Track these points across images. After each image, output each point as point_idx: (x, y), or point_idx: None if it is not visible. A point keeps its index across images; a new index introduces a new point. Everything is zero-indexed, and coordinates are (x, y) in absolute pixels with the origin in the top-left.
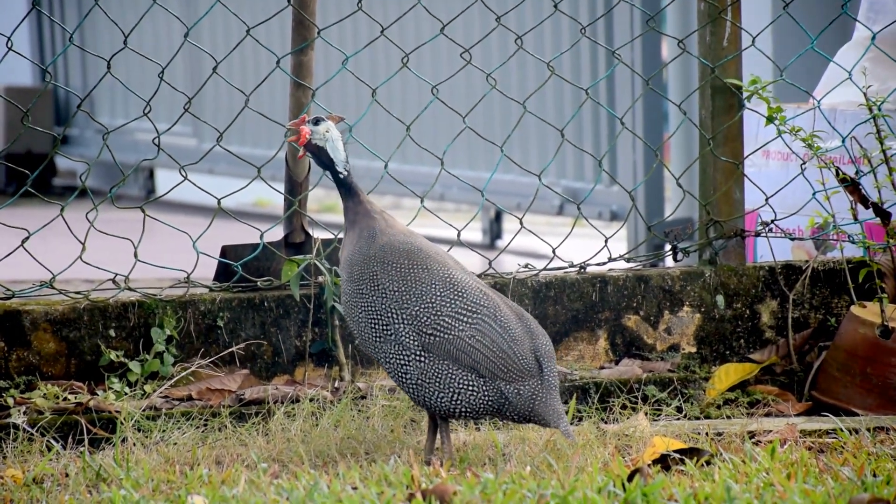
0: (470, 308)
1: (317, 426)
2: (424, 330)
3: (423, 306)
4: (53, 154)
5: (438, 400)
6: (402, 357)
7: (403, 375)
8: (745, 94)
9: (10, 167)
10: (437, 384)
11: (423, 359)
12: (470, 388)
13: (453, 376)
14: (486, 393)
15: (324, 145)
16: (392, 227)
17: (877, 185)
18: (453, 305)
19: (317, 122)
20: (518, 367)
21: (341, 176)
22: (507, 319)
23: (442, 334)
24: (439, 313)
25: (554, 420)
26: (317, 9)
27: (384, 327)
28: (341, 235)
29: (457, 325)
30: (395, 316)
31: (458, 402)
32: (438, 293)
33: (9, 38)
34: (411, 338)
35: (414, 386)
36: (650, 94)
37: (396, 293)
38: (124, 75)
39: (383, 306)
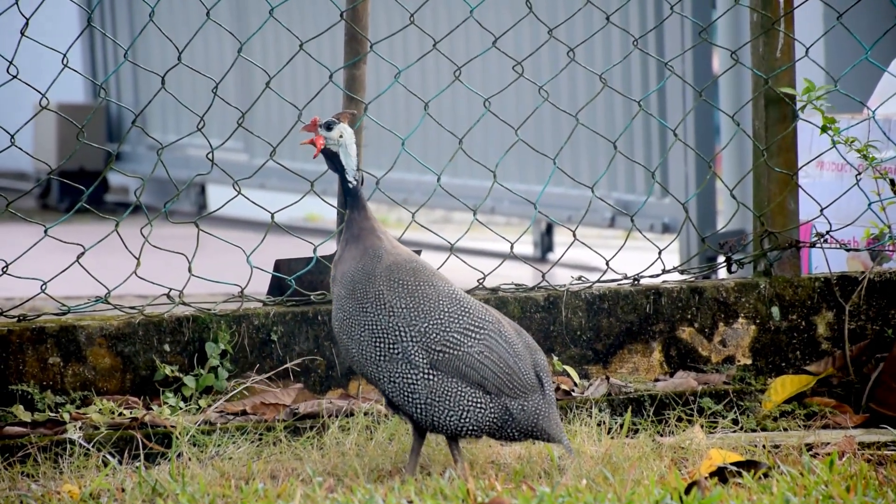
0: (476, 324)
1: (371, 440)
2: (433, 347)
3: (431, 323)
4: (108, 170)
5: (447, 419)
6: (409, 376)
7: (411, 395)
8: (799, 104)
9: (64, 183)
10: (445, 402)
11: (431, 377)
12: (477, 405)
13: (462, 394)
14: (492, 410)
15: (336, 150)
16: (396, 247)
17: None
18: (460, 322)
19: (329, 126)
20: (522, 383)
21: (350, 185)
22: (509, 335)
23: (451, 351)
24: (447, 329)
25: (557, 434)
26: (369, 22)
27: (391, 345)
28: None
29: (465, 341)
30: (402, 333)
31: (466, 420)
32: (445, 309)
33: (64, 55)
34: (420, 355)
35: (422, 405)
36: (701, 106)
37: (404, 310)
38: (175, 91)
39: (390, 324)
